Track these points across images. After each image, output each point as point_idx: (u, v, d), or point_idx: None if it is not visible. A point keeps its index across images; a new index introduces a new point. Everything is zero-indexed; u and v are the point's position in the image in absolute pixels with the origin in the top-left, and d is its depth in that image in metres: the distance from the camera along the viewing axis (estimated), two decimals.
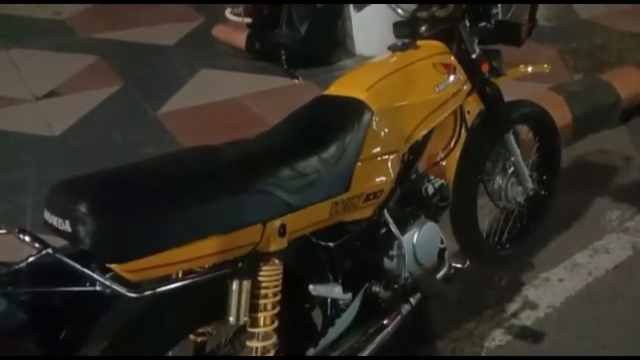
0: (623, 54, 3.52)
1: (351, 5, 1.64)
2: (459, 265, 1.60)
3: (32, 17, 3.81)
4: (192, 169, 1.02)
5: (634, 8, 4.51)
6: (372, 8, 1.64)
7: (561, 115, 2.71)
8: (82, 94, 2.82)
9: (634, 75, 3.20)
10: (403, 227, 1.41)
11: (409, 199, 1.47)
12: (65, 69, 3.03)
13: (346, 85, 1.39)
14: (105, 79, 2.98)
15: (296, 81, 3.03)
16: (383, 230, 1.38)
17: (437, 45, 1.50)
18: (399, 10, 1.56)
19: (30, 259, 0.84)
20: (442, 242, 1.54)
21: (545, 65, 1.85)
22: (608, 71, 3.23)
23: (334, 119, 1.28)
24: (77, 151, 2.35)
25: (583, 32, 3.89)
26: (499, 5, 1.52)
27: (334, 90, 1.39)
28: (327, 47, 3.28)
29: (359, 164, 1.22)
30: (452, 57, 1.50)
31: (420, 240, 1.42)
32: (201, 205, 0.95)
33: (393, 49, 1.48)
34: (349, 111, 1.28)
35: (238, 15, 3.74)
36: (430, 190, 1.52)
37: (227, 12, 3.85)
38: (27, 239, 0.85)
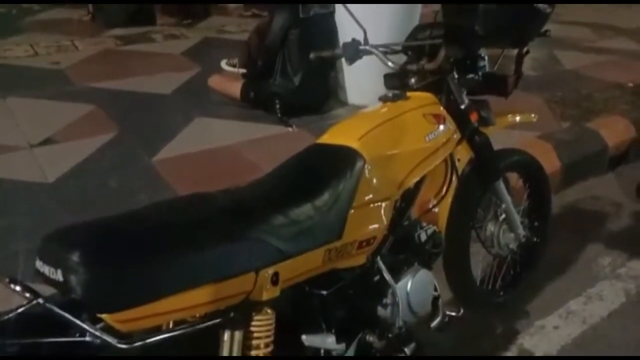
0: (608, 103, 3.62)
1: (343, 58, 1.68)
2: (453, 314, 1.59)
3: (30, 67, 3.88)
4: (184, 217, 1.03)
5: (617, 59, 4.69)
6: (363, 60, 1.69)
7: (550, 162, 2.76)
8: (77, 142, 2.84)
9: (620, 123, 3.28)
10: (396, 275, 1.41)
11: (402, 246, 1.47)
12: (62, 117, 3.07)
13: (339, 134, 1.42)
14: (101, 127, 3.01)
15: (290, 129, 3.08)
16: (376, 278, 1.38)
17: (426, 96, 1.54)
18: (390, 63, 1.61)
19: (20, 309, 0.83)
20: (435, 290, 1.53)
21: (533, 115, 1.90)
22: (594, 120, 3.31)
23: (326, 166, 1.30)
24: (70, 198, 2.35)
25: (568, 81, 4.02)
26: (486, 57, 1.58)
27: (326, 138, 1.42)
28: (320, 96, 3.36)
29: (352, 211, 1.23)
30: (442, 108, 1.54)
31: (414, 288, 1.41)
32: (193, 254, 0.95)
33: (384, 99, 1.52)
34: (341, 159, 1.30)
35: (233, 65, 3.84)
36: (423, 237, 1.52)
37: (223, 63, 3.95)
38: (17, 288, 0.84)
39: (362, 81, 3.12)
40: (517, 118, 1.83)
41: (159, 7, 5.03)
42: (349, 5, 1.68)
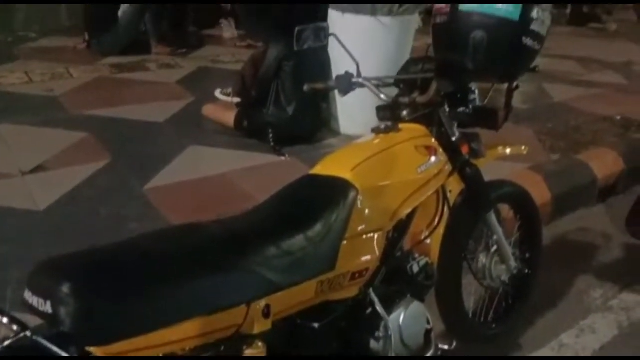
0: (597, 136, 3.68)
1: (337, 90, 1.71)
2: (445, 347, 1.58)
3: (24, 94, 3.88)
4: (176, 248, 1.03)
5: (604, 92, 4.78)
6: (356, 91, 1.72)
7: (540, 194, 2.78)
8: (69, 169, 2.83)
9: (609, 155, 3.32)
10: (389, 307, 1.40)
11: (395, 278, 1.47)
12: (54, 145, 3.06)
13: (331, 165, 1.43)
14: (93, 154, 3.00)
15: (283, 158, 3.10)
16: (369, 310, 1.37)
17: (418, 128, 1.56)
18: (382, 96, 1.63)
19: (7, 342, 0.82)
20: (428, 323, 1.52)
21: (523, 147, 1.93)
22: (584, 152, 3.36)
23: (319, 197, 1.31)
24: (61, 226, 2.33)
25: (558, 114, 4.08)
26: (476, 91, 1.61)
27: (319, 169, 1.43)
28: (313, 126, 3.38)
29: (345, 242, 1.23)
30: (433, 140, 1.56)
31: (407, 320, 1.41)
32: (184, 287, 0.95)
33: (376, 131, 1.54)
34: (334, 190, 1.31)
35: (227, 95, 3.89)
36: (416, 268, 1.52)
37: (217, 93, 3.99)
38: (4, 320, 0.83)
39: (354, 112, 3.16)
40: (508, 150, 1.86)
41: (154, 37, 5.08)
42: (342, 39, 1.72)
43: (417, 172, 1.45)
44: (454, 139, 1.61)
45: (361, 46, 2.80)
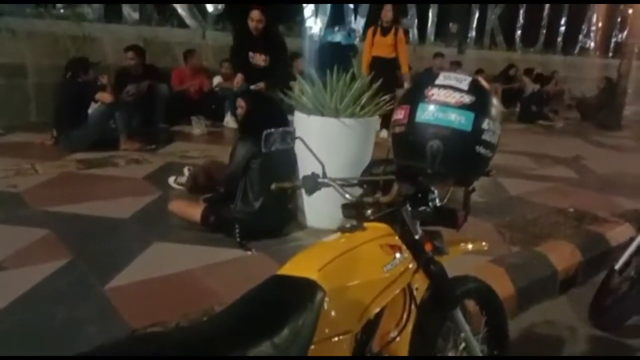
0: (553, 228, 3.83)
1: (303, 189, 1.76)
2: None
3: None
4: None
5: (557, 186, 5.04)
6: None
7: (504, 286, 2.83)
8: (27, 269, 2.74)
9: (566, 247, 3.44)
10: None
11: None
12: (13, 243, 2.98)
13: (298, 265, 1.44)
14: (53, 252, 2.93)
15: (249, 253, 3.08)
16: None
17: (382, 227, 1.61)
18: (347, 195, 1.69)
19: None
20: None
21: (484, 243, 1.99)
22: (542, 244, 3.47)
23: (286, 300, 1.30)
24: (15, 328, 2.22)
25: (514, 207, 4.26)
26: (436, 192, 1.68)
27: (286, 269, 1.44)
28: (280, 220, 3.42)
29: (313, 347, 1.22)
30: (397, 238, 1.61)
31: None
32: None
33: (342, 230, 1.58)
34: (301, 292, 1.31)
35: (181, 185, 3.98)
36: None
37: (171, 181, 4.09)
38: None
39: (320, 206, 3.22)
40: (469, 246, 1.91)
41: (124, 133, 5.16)
42: (308, 139, 1.81)
43: (383, 271, 1.48)
44: (417, 237, 1.65)
45: (326, 145, 2.96)
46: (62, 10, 7.19)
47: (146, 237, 3.18)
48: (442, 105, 1.42)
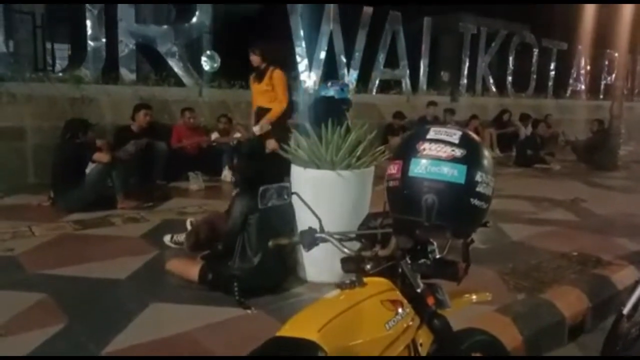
0: (557, 273, 3.77)
1: (301, 245, 1.75)
2: None
3: None
4: None
5: (558, 230, 5.00)
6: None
7: (511, 336, 2.76)
8: (23, 335, 2.67)
9: (572, 294, 3.38)
10: None
11: None
12: (9, 308, 2.91)
13: (298, 326, 1.41)
14: (49, 317, 2.86)
15: (249, 311, 3.02)
16: None
17: (383, 282, 1.58)
18: (345, 250, 1.67)
19: None
20: None
21: (487, 294, 1.95)
22: (548, 290, 3.40)
23: None
24: None
25: (517, 253, 4.21)
26: (435, 243, 1.67)
27: (287, 330, 1.40)
28: (279, 276, 3.37)
29: None
30: (398, 293, 1.58)
31: None
32: None
33: (342, 286, 1.55)
34: (302, 354, 1.27)
35: (178, 244, 3.92)
36: None
37: (167, 239, 4.03)
38: None
39: (319, 259, 3.17)
40: (473, 298, 1.88)
41: (121, 192, 5.16)
42: (305, 191, 1.81)
43: (385, 329, 1.44)
44: (418, 290, 1.63)
45: (322, 198, 2.97)
46: (60, 74, 7.38)
47: (143, 298, 3.12)
48: (435, 160, 1.43)
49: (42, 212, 4.91)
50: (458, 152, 1.43)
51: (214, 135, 7.09)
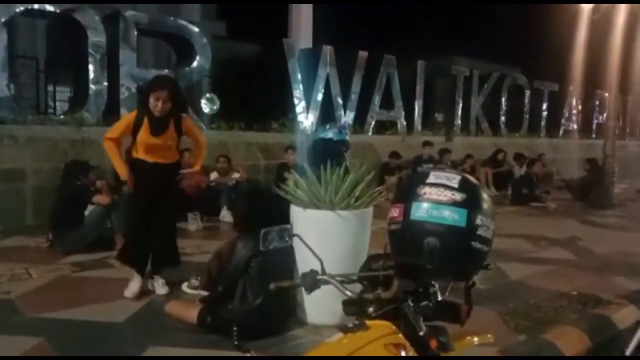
0: (557, 313, 3.76)
1: (302, 287, 1.76)
2: None
3: None
4: None
5: (556, 269, 5.00)
6: None
7: None
8: None
9: (573, 333, 3.36)
10: None
11: None
12: (4, 353, 2.88)
13: None
14: None
15: (248, 355, 2.97)
16: None
17: (385, 325, 1.58)
18: (347, 292, 1.68)
19: None
20: None
21: (490, 335, 1.95)
22: (548, 330, 3.39)
23: None
24: None
25: (516, 293, 4.20)
26: (437, 285, 1.68)
27: None
28: (280, 318, 3.34)
29: None
30: (401, 336, 1.58)
31: None
32: None
33: (344, 330, 1.55)
34: None
35: (195, 288, 3.87)
36: None
37: (184, 286, 3.97)
38: None
39: (320, 301, 3.16)
40: (475, 340, 1.88)
41: (119, 233, 5.15)
42: (304, 231, 1.83)
43: None
44: (421, 333, 1.62)
45: (323, 238, 2.99)
46: (62, 116, 7.48)
47: (141, 342, 3.09)
48: (436, 203, 1.46)
49: (40, 254, 4.89)
50: (458, 196, 1.46)
51: (213, 175, 7.14)
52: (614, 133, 9.81)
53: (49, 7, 7.12)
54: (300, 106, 9.50)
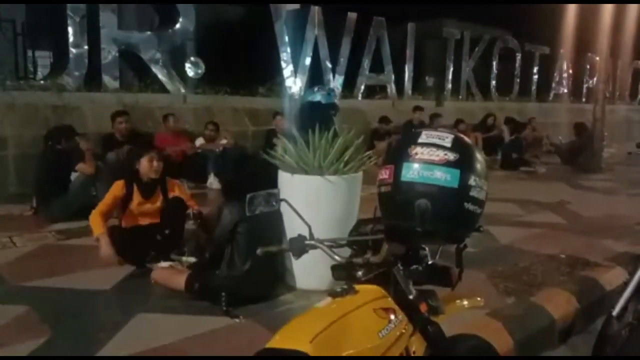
0: (546, 275, 3.78)
1: (291, 252, 1.71)
2: None
3: None
4: None
5: (545, 232, 5.02)
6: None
7: (503, 340, 2.75)
8: (4, 350, 2.59)
9: (562, 296, 3.38)
10: None
11: None
12: None
13: (289, 337, 1.37)
14: (32, 331, 2.78)
15: (237, 320, 2.96)
16: None
17: (375, 289, 1.54)
18: (336, 257, 1.64)
19: None
20: None
21: (479, 299, 1.93)
22: (537, 293, 3.40)
23: None
24: None
25: (506, 256, 4.21)
26: (427, 249, 1.63)
27: (277, 342, 1.36)
28: (268, 283, 3.32)
29: None
30: (391, 300, 1.54)
31: None
32: None
33: (333, 294, 1.51)
34: None
35: (182, 255, 3.81)
36: None
37: (171, 256, 3.90)
38: None
39: (309, 266, 3.11)
40: (465, 303, 1.85)
41: None
42: (293, 198, 1.78)
43: (378, 337, 1.41)
44: (411, 297, 1.59)
45: (311, 204, 2.93)
46: (42, 82, 7.26)
47: (128, 309, 3.05)
48: (427, 164, 1.40)
49: (24, 222, 4.81)
50: (451, 156, 1.40)
51: (199, 142, 7.02)
52: (604, 97, 9.78)
53: None
54: (287, 70, 9.30)
